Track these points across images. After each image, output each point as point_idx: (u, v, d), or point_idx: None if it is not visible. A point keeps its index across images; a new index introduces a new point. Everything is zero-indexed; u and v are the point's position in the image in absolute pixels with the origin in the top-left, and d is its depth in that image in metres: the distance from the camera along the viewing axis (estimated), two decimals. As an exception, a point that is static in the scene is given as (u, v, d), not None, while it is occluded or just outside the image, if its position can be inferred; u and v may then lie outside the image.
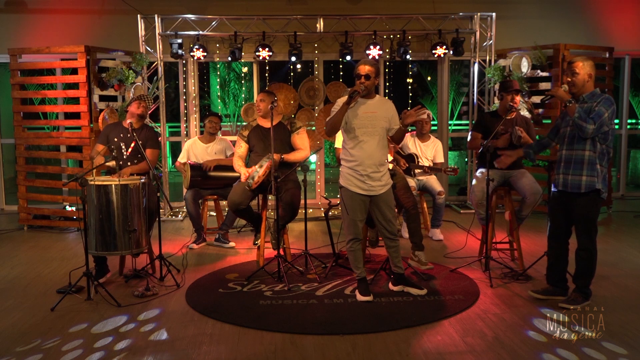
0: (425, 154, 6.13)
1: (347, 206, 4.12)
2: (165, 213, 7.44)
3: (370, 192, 4.11)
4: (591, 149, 3.88)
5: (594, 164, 3.88)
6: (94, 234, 4.29)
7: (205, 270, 5.02)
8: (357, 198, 4.11)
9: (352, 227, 4.14)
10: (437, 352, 3.35)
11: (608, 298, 4.17)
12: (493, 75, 7.34)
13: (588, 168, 3.88)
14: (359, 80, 4.07)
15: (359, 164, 4.08)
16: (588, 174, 3.88)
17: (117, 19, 7.77)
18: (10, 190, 8.24)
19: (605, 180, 3.92)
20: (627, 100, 8.77)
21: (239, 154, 5.25)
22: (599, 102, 3.83)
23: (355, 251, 4.21)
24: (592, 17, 8.30)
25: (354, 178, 4.10)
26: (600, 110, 3.80)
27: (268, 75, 8.10)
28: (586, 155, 3.88)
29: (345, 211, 4.14)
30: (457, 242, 5.81)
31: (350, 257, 4.25)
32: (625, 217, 7.33)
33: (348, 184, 4.13)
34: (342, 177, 4.18)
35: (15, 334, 3.70)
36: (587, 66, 3.90)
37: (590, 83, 3.91)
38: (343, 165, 4.19)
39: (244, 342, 3.53)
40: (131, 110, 4.91)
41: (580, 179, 3.90)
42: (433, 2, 7.88)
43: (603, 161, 3.90)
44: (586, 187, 3.89)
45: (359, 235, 4.18)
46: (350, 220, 4.13)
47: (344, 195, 4.15)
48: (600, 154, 3.89)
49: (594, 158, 3.88)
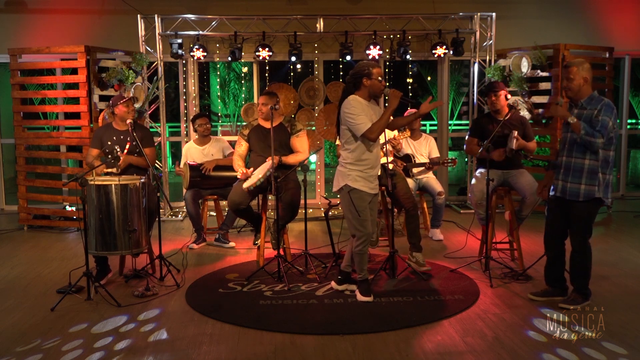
0: (420, 151, 6.13)
1: (358, 207, 4.05)
2: (165, 213, 7.44)
3: (375, 191, 4.16)
4: (592, 158, 3.80)
5: (594, 172, 3.81)
6: (94, 234, 4.28)
7: (205, 270, 5.02)
8: (367, 198, 4.10)
9: (365, 228, 4.09)
10: (437, 352, 3.35)
11: (608, 298, 4.17)
12: (493, 75, 7.34)
13: (587, 177, 3.82)
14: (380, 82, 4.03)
15: (371, 167, 4.09)
16: (587, 182, 3.83)
17: (117, 19, 7.77)
18: (10, 190, 8.24)
19: (607, 187, 3.85)
20: (627, 100, 8.77)
21: (239, 153, 5.25)
22: (600, 110, 3.75)
23: (365, 253, 4.17)
24: (592, 17, 8.30)
25: (363, 179, 4.07)
26: (604, 120, 3.72)
27: (268, 75, 8.10)
28: (586, 163, 3.82)
29: (357, 213, 4.05)
30: (457, 242, 5.81)
31: (357, 259, 4.18)
32: (625, 217, 7.33)
33: (359, 186, 4.06)
34: (349, 179, 4.06)
35: (15, 334, 3.70)
36: (582, 70, 3.83)
37: (586, 87, 3.86)
38: (350, 169, 4.07)
39: (244, 342, 3.53)
40: (121, 111, 4.84)
41: (579, 187, 3.86)
42: (433, 2, 7.88)
43: (606, 168, 3.82)
44: (584, 195, 3.84)
45: (371, 236, 4.17)
46: (363, 221, 4.08)
47: (354, 197, 4.06)
48: (604, 161, 3.81)
49: (595, 167, 3.80)
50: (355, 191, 4.06)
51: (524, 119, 5.11)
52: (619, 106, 8.78)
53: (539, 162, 5.43)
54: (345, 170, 4.09)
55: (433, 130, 12.06)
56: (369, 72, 4.02)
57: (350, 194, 4.07)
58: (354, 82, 4.09)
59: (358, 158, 4.06)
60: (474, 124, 5.24)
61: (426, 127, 13.41)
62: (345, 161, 4.10)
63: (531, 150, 4.88)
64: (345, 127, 4.05)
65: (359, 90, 4.08)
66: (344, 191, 4.10)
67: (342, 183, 4.10)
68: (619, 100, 8.81)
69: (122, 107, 4.85)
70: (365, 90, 4.06)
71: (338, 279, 4.41)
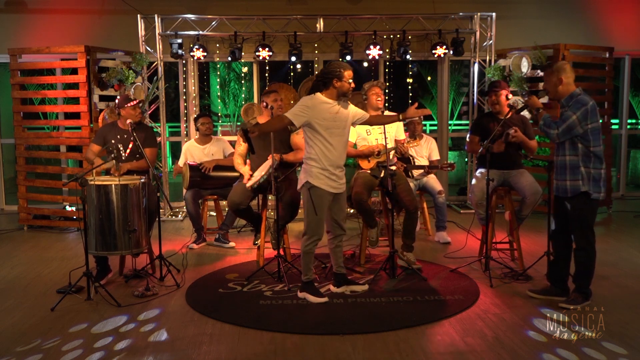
0: (420, 153, 6.13)
1: (316, 205, 4.05)
2: (165, 213, 7.44)
3: (337, 190, 4.15)
4: (571, 153, 3.93)
5: (576, 167, 3.92)
6: (94, 234, 4.28)
7: (205, 270, 5.02)
8: (327, 197, 4.11)
9: (319, 227, 4.12)
10: (437, 352, 3.35)
11: (608, 298, 4.17)
12: (493, 75, 7.34)
13: (570, 172, 3.94)
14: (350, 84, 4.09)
15: (332, 165, 4.08)
16: (571, 178, 3.94)
17: (117, 19, 7.77)
18: (10, 190, 8.24)
19: (596, 181, 3.91)
20: (627, 100, 8.76)
21: (239, 152, 5.25)
22: (571, 106, 3.89)
23: (312, 253, 4.21)
24: (592, 17, 8.30)
25: (325, 177, 4.07)
26: (566, 114, 3.87)
27: (268, 75, 8.10)
28: (567, 160, 3.95)
29: (314, 211, 4.06)
30: (457, 242, 5.81)
31: (305, 260, 4.18)
32: (625, 217, 7.33)
33: (320, 183, 4.06)
34: (310, 175, 4.06)
35: (15, 334, 3.70)
36: (556, 71, 3.97)
37: (564, 86, 3.96)
38: (311, 165, 4.07)
39: (244, 342, 3.53)
40: (129, 113, 4.84)
41: (565, 183, 3.98)
42: (433, 2, 7.88)
43: (589, 163, 3.91)
44: (571, 191, 3.95)
45: (322, 236, 4.19)
46: (319, 220, 4.10)
47: (314, 194, 4.05)
48: (585, 156, 3.91)
49: (575, 161, 3.92)
50: (315, 189, 4.06)
51: (525, 118, 5.11)
52: (619, 106, 8.79)
53: (539, 162, 5.42)
54: (307, 167, 4.11)
55: (433, 130, 12.08)
56: (340, 74, 4.05)
57: (310, 191, 4.07)
58: (324, 81, 4.10)
59: (317, 154, 4.06)
60: (476, 122, 5.24)
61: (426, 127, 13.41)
62: (307, 156, 4.13)
63: (532, 149, 4.88)
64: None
65: (327, 89, 4.09)
66: (304, 188, 4.11)
67: (304, 180, 4.11)
68: (619, 100, 8.81)
69: (130, 110, 4.84)
70: (334, 91, 4.09)
71: (335, 281, 4.41)
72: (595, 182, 3.91)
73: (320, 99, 4.08)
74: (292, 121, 4.02)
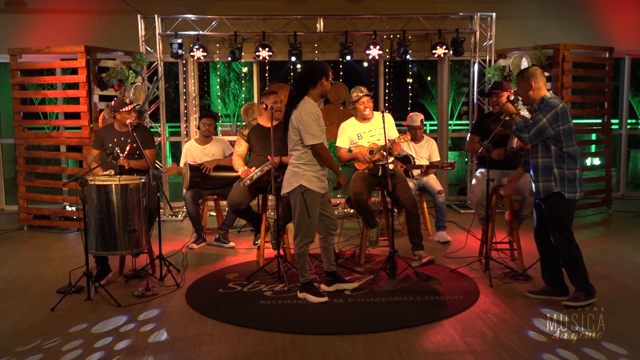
0: (420, 154, 6.12)
1: (310, 209, 4.05)
2: (165, 213, 7.44)
3: (324, 190, 4.18)
4: (544, 155, 3.98)
5: (549, 168, 3.97)
6: (94, 234, 4.28)
7: (205, 270, 5.02)
8: (319, 199, 4.13)
9: (312, 230, 4.13)
10: (437, 352, 3.35)
11: (608, 298, 4.17)
12: (493, 75, 7.34)
13: (543, 174, 3.99)
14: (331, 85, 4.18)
15: (322, 166, 4.12)
16: (543, 179, 3.99)
17: (117, 19, 7.77)
18: (10, 190, 8.24)
19: (571, 181, 3.94)
20: (627, 100, 8.76)
21: (238, 153, 5.25)
22: (541, 109, 3.95)
23: (307, 255, 4.21)
24: (592, 17, 8.30)
25: (317, 179, 4.09)
26: (537, 117, 3.94)
27: (268, 75, 8.10)
28: (540, 162, 4.01)
29: (307, 214, 4.06)
30: (457, 242, 5.81)
31: (301, 262, 4.18)
32: (625, 217, 7.33)
33: (314, 186, 4.06)
34: (304, 179, 4.04)
35: (15, 334, 3.70)
36: (527, 77, 4.03)
37: (535, 91, 4.02)
38: (305, 169, 4.06)
39: (244, 342, 3.53)
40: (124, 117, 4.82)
41: (537, 185, 4.04)
42: (433, 2, 7.88)
43: (563, 164, 3.95)
44: (543, 192, 4.01)
45: (314, 237, 4.19)
46: (311, 222, 4.10)
47: (308, 197, 4.04)
48: (558, 157, 3.95)
49: (548, 163, 3.97)
50: (309, 192, 4.06)
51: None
52: (619, 106, 8.78)
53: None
54: (299, 171, 4.07)
55: (433, 131, 12.07)
56: (328, 73, 4.08)
57: (304, 195, 4.05)
58: (311, 79, 4.08)
59: (311, 158, 4.07)
60: (476, 122, 5.26)
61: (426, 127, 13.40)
62: (300, 161, 4.08)
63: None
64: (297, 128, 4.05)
65: (314, 88, 4.08)
66: (297, 192, 4.07)
67: (296, 184, 4.07)
68: (619, 100, 8.81)
69: (125, 115, 4.84)
70: (320, 90, 4.10)
71: (327, 280, 4.40)
72: (570, 182, 3.95)
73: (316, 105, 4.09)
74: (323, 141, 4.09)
